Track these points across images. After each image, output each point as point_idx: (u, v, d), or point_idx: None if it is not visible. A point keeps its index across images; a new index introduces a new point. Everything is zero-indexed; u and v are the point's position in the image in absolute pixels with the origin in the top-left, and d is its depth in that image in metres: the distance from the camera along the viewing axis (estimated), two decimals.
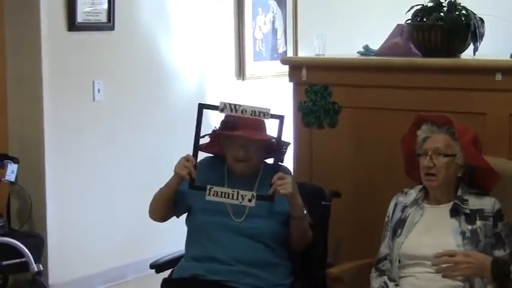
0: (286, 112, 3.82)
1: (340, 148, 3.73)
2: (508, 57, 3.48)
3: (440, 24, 3.53)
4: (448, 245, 2.94)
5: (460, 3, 3.61)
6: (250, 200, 3.08)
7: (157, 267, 3.35)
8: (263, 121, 3.23)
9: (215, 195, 3.09)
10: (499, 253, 2.97)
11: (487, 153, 3.29)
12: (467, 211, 3.00)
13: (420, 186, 3.13)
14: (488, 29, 3.64)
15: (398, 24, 3.83)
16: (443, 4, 3.60)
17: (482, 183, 3.11)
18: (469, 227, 2.97)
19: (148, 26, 4.88)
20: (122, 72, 4.81)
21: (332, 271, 3.23)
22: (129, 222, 4.87)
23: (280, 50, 5.56)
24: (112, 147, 4.80)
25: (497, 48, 3.88)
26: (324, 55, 3.90)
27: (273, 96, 5.13)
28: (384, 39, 3.88)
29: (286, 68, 3.94)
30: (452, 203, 3.03)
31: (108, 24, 4.66)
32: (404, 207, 3.12)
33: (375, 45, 3.92)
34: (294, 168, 3.70)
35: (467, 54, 3.64)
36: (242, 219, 3.20)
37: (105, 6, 4.62)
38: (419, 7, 3.64)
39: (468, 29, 3.53)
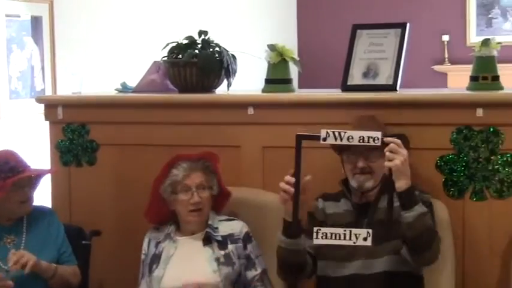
0: (45, 152, 3.77)
1: (99, 186, 3.68)
2: (259, 92, 3.62)
3: (195, 61, 3.61)
4: (204, 272, 3.02)
5: (213, 41, 3.71)
6: (365, 239, 2.66)
7: None
8: None
9: (324, 237, 2.68)
10: (251, 273, 3.10)
11: (242, 184, 3.41)
12: (219, 238, 3.11)
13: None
14: (241, 65, 3.78)
15: (154, 61, 3.86)
16: (198, 41, 3.69)
17: (220, 206, 3.23)
18: (222, 252, 3.08)
19: None
20: None
21: None
22: None
23: (38, 88, 5.40)
24: None
25: (250, 83, 4.02)
26: (80, 93, 3.84)
27: (33, 135, 4.97)
28: (142, 76, 3.91)
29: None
30: (204, 232, 3.11)
31: None
32: (158, 243, 3.17)
33: (133, 82, 3.93)
34: (52, 208, 3.58)
35: (222, 89, 3.75)
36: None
37: None
38: (174, 44, 3.71)
39: (221, 65, 3.64)
